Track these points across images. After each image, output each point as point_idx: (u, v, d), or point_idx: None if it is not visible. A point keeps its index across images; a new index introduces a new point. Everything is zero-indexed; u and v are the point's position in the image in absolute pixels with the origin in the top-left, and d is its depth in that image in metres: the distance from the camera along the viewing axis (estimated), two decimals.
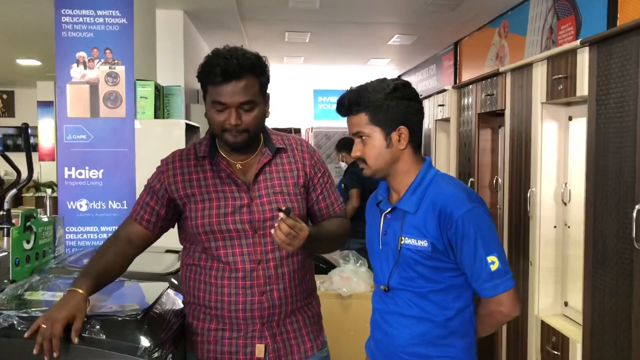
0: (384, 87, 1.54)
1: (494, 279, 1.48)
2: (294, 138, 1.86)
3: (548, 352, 2.73)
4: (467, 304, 1.57)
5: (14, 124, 11.72)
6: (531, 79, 2.90)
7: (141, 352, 1.54)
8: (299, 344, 1.77)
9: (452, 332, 1.56)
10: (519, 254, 3.10)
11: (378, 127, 1.53)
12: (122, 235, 1.77)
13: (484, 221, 1.50)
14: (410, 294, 1.56)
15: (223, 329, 1.72)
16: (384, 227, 1.61)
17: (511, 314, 1.54)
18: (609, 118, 2.24)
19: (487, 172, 3.74)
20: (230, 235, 1.69)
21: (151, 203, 1.75)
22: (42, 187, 8.67)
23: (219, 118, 1.65)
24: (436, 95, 4.50)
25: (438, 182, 1.56)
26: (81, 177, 3.29)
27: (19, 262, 2.10)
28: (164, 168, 1.77)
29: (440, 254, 1.51)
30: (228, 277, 1.70)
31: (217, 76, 1.60)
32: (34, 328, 1.51)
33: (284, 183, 1.76)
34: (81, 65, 3.33)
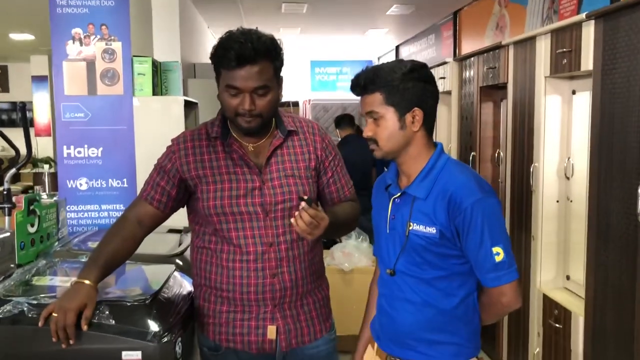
0: (400, 68, 1.51)
1: (498, 270, 1.48)
2: (305, 121, 1.84)
3: (550, 325, 2.76)
4: (471, 291, 1.58)
5: (8, 99, 11.59)
6: (534, 53, 2.87)
7: (150, 336, 1.55)
8: (309, 326, 1.79)
9: (457, 319, 1.56)
10: (521, 229, 3.11)
11: (392, 107, 1.51)
12: (131, 217, 1.76)
13: (493, 212, 1.49)
14: (415, 280, 1.56)
15: (235, 310, 1.73)
16: (392, 212, 1.60)
17: (512, 306, 1.54)
18: (614, 92, 2.22)
19: (489, 146, 3.72)
20: (242, 218, 1.69)
21: (162, 183, 1.73)
22: (39, 163, 8.64)
23: (232, 102, 1.63)
24: (437, 67, 4.45)
25: (450, 169, 1.54)
26: (80, 155, 3.26)
27: (24, 246, 2.09)
28: (175, 148, 1.75)
29: (447, 241, 1.51)
30: (239, 260, 1.70)
31: (231, 60, 1.57)
32: (45, 316, 1.52)
33: (295, 166, 1.75)
34: (77, 42, 3.27)
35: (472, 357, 1.59)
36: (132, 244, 1.74)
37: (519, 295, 1.52)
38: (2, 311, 1.55)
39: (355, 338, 3.32)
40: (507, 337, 3.33)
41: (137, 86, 3.34)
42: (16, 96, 11.02)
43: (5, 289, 1.66)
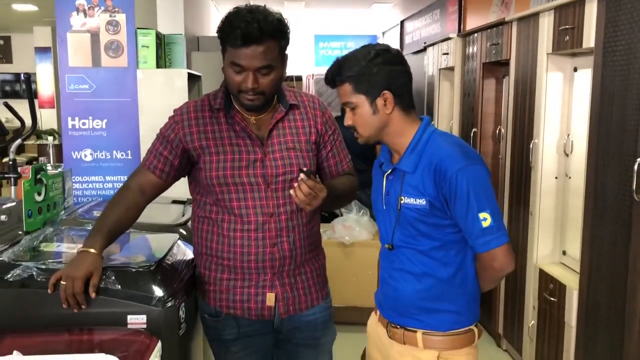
0: (364, 55, 1.56)
1: (486, 235, 1.52)
2: (307, 95, 1.88)
3: (545, 298, 2.81)
4: (467, 259, 1.62)
5: (11, 70, 11.59)
6: (537, 29, 2.87)
7: (155, 301, 1.60)
8: (307, 294, 1.84)
9: (455, 287, 1.61)
10: (519, 204, 3.15)
11: (363, 95, 1.57)
12: (133, 186, 1.79)
13: (478, 178, 1.52)
14: (413, 252, 1.61)
15: (235, 278, 1.78)
16: (386, 188, 1.65)
17: (504, 269, 1.57)
18: (614, 69, 2.24)
19: (491, 123, 3.74)
20: (243, 188, 1.73)
21: (165, 153, 1.76)
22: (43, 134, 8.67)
23: (236, 78, 1.65)
24: (441, 43, 4.45)
25: (435, 140, 1.59)
26: (85, 127, 3.29)
27: (32, 214, 2.14)
28: (178, 118, 1.77)
29: (438, 210, 1.55)
30: (240, 230, 1.74)
31: (237, 39, 1.59)
32: (53, 282, 1.57)
33: (296, 139, 1.79)
34: (81, 13, 3.28)
35: (470, 324, 1.64)
36: (134, 212, 1.77)
37: (511, 258, 1.56)
38: (12, 275, 1.60)
39: (355, 309, 3.39)
40: (503, 310, 3.40)
41: (141, 58, 3.35)
42: (19, 67, 11.01)
43: (15, 255, 1.71)
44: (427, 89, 5.01)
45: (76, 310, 1.57)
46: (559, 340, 2.70)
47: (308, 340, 1.89)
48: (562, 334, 2.67)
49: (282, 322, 1.83)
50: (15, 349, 1.34)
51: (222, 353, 1.86)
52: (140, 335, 1.55)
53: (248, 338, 1.82)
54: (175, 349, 1.64)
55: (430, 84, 4.89)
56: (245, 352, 1.84)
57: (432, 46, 4.75)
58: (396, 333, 1.66)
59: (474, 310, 1.66)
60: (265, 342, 1.86)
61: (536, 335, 2.95)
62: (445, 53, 4.30)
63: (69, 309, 1.56)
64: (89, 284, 1.57)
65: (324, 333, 1.93)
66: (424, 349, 1.61)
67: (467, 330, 1.64)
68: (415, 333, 1.62)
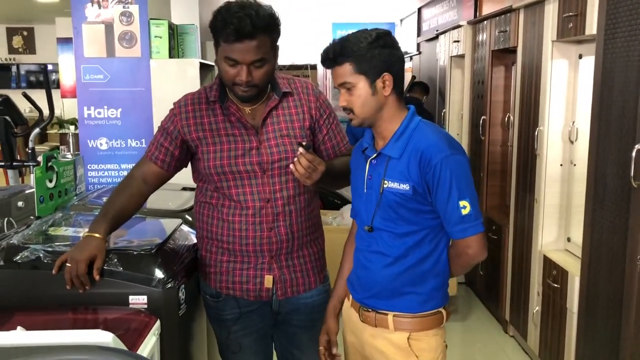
0: (366, 37, 1.58)
1: (464, 223, 1.56)
2: (300, 81, 1.92)
3: (549, 284, 2.84)
4: (441, 245, 1.67)
5: (35, 60, 11.81)
6: (543, 16, 2.87)
7: (155, 282, 1.68)
8: (304, 276, 1.90)
9: (426, 271, 1.66)
10: (525, 191, 3.16)
11: (363, 75, 1.59)
12: (137, 175, 1.87)
13: (461, 168, 1.57)
14: (390, 235, 1.66)
15: (235, 260, 1.85)
16: (369, 172, 1.69)
17: (477, 257, 1.62)
18: (615, 56, 2.24)
19: (500, 110, 3.75)
20: (240, 176, 1.79)
21: (165, 144, 1.83)
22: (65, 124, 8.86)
23: (230, 72, 1.71)
24: (451, 31, 4.44)
25: (422, 129, 1.63)
26: (100, 116, 3.37)
27: (44, 200, 2.23)
28: (176, 111, 1.84)
29: (419, 196, 1.60)
30: (239, 214, 1.81)
31: (230, 35, 1.64)
32: (58, 265, 1.66)
33: (290, 126, 1.83)
34: (95, 4, 3.36)
35: (438, 307, 1.69)
36: (138, 200, 1.85)
37: (484, 247, 1.61)
38: (21, 257, 1.69)
39: None
40: (509, 296, 3.42)
41: (154, 49, 3.42)
42: (42, 58, 11.21)
43: (24, 238, 1.80)
44: (439, 76, 5.01)
45: (81, 291, 1.65)
46: (562, 327, 2.72)
47: (306, 322, 1.95)
48: (564, 320, 2.70)
49: (280, 304, 1.89)
50: (22, 325, 1.43)
51: (223, 333, 1.93)
52: (140, 314, 1.63)
53: (247, 318, 1.89)
54: (175, 328, 1.72)
55: (441, 72, 4.89)
56: (244, 332, 1.91)
57: (443, 34, 4.75)
58: (368, 316, 1.70)
59: (443, 293, 1.71)
60: (264, 322, 1.92)
61: (540, 321, 2.97)
62: (456, 40, 4.30)
63: (73, 289, 1.65)
64: (93, 267, 1.65)
65: (321, 316, 1.97)
66: (394, 331, 1.66)
67: (435, 312, 1.68)
68: (387, 316, 1.67)
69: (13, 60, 12.18)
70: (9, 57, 12.18)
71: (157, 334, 1.61)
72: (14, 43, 12.18)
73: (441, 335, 1.70)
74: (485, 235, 1.61)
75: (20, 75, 12.18)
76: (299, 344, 1.99)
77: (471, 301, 4.12)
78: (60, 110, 9.59)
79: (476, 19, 4.04)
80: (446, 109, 4.69)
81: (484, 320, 3.81)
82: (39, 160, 3.55)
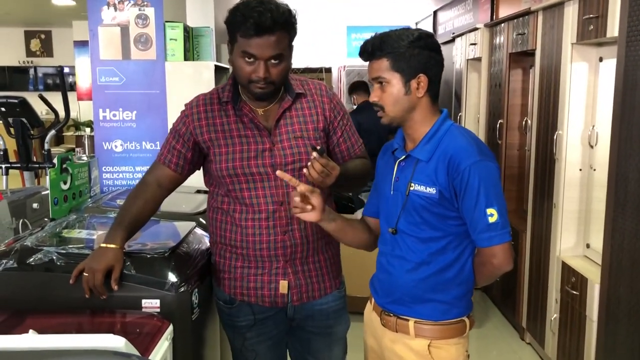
0: (408, 36, 1.56)
1: (490, 231, 1.52)
2: (313, 83, 1.89)
3: (567, 291, 2.78)
4: (465, 253, 1.63)
5: (52, 63, 11.93)
6: (562, 19, 2.83)
7: (168, 286, 1.66)
8: (320, 282, 1.87)
9: (450, 279, 1.62)
10: (543, 196, 3.11)
11: (398, 73, 1.56)
12: (151, 180, 1.84)
13: (490, 175, 1.53)
14: (414, 239, 1.62)
15: (249, 266, 1.82)
16: (396, 174, 1.66)
17: (503, 267, 1.57)
18: (638, 59, 2.19)
19: (517, 114, 3.70)
20: (253, 178, 1.77)
21: (177, 146, 1.81)
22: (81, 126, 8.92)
23: (247, 68, 1.69)
24: (468, 33, 4.40)
25: (453, 133, 1.59)
26: (115, 118, 3.38)
27: (58, 202, 2.23)
28: (188, 112, 1.82)
29: (446, 201, 1.56)
30: (252, 219, 1.78)
31: (249, 29, 1.62)
32: (75, 275, 1.64)
33: (304, 127, 1.81)
34: (112, 7, 3.37)
35: (461, 316, 1.65)
36: (153, 205, 1.82)
37: (510, 257, 1.57)
38: (34, 259, 1.68)
39: None
40: (527, 303, 3.37)
41: (169, 51, 3.42)
42: (60, 61, 11.31)
43: (38, 240, 1.80)
44: (455, 79, 4.96)
45: (102, 298, 1.64)
46: (580, 335, 2.67)
47: (321, 329, 1.92)
48: (583, 328, 2.64)
49: (295, 310, 1.86)
50: (34, 329, 1.41)
51: (238, 341, 1.90)
52: (153, 318, 1.61)
53: (262, 325, 1.87)
54: (188, 332, 1.70)
55: (458, 75, 4.84)
56: (259, 339, 1.88)
57: (460, 37, 4.70)
58: (389, 321, 1.68)
59: (467, 302, 1.67)
60: (279, 329, 1.90)
61: (558, 329, 2.92)
62: (473, 43, 4.26)
63: (92, 297, 1.63)
64: (112, 277, 1.63)
65: (337, 322, 1.95)
66: (415, 337, 1.63)
67: (458, 320, 1.64)
68: (408, 321, 1.64)
69: (31, 63, 12.32)
70: (27, 60, 12.32)
71: (170, 339, 1.60)
72: (31, 46, 12.32)
73: (463, 345, 1.67)
74: (511, 245, 1.56)
75: (38, 77, 12.32)
76: (313, 351, 1.96)
77: (487, 307, 4.07)
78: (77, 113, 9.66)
79: (493, 21, 4.00)
80: (462, 112, 4.64)
81: (500, 327, 3.75)
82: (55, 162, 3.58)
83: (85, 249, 1.75)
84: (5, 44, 12.17)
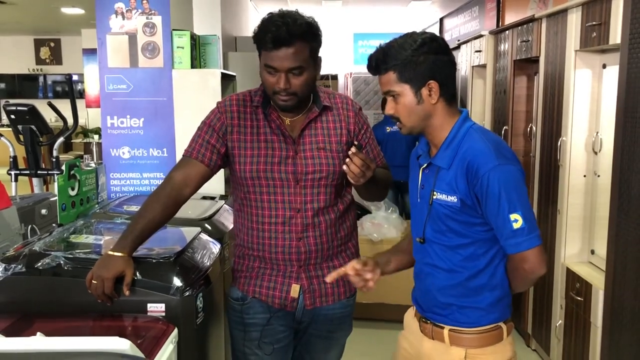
0: (410, 44, 1.53)
1: (517, 237, 1.48)
2: (340, 97, 1.94)
3: (572, 297, 2.78)
4: (497, 258, 1.59)
5: (61, 71, 12.05)
6: (565, 26, 2.84)
7: (173, 291, 1.69)
8: (334, 287, 1.89)
9: (481, 285, 1.59)
10: (547, 202, 3.12)
11: (407, 84, 1.54)
12: (178, 178, 1.80)
13: (511, 179, 1.48)
14: (441, 247, 1.60)
15: (265, 267, 1.86)
16: (421, 181, 1.64)
17: (536, 272, 1.52)
18: None
19: (522, 120, 3.71)
20: (274, 184, 1.81)
21: (212, 141, 1.82)
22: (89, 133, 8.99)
23: (270, 80, 1.74)
24: (473, 40, 4.42)
25: (472, 136, 1.55)
26: (123, 125, 3.41)
27: (65, 208, 2.26)
28: (222, 109, 1.85)
29: (469, 208, 1.53)
30: (269, 223, 1.82)
31: (268, 42, 1.68)
32: (88, 285, 1.64)
33: (327, 140, 1.85)
34: (120, 16, 3.41)
35: (497, 322, 1.61)
36: (173, 210, 1.80)
37: (543, 261, 1.51)
38: (42, 264, 1.71)
39: (383, 306, 3.41)
40: (532, 309, 3.37)
41: (176, 59, 3.45)
42: (68, 69, 11.43)
43: (46, 245, 1.83)
44: (461, 86, 4.98)
45: (109, 304, 1.67)
46: (585, 341, 2.67)
47: (322, 332, 1.95)
48: (588, 335, 2.64)
49: (304, 313, 1.88)
50: (42, 331, 1.44)
51: (241, 338, 1.90)
52: (158, 322, 1.64)
53: (270, 326, 1.87)
54: (192, 336, 1.72)
55: (463, 82, 4.86)
56: (265, 341, 1.88)
57: (465, 44, 4.72)
58: (426, 328, 1.66)
59: (502, 307, 1.62)
60: (286, 332, 1.91)
61: (563, 335, 2.92)
62: (478, 50, 4.27)
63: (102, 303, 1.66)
64: (123, 282, 1.65)
65: (339, 327, 1.97)
66: (450, 346, 1.60)
67: (494, 327, 1.60)
68: (443, 329, 1.61)
69: (40, 71, 12.44)
70: (37, 67, 12.46)
71: (175, 342, 1.62)
72: (41, 54, 12.45)
73: (502, 354, 1.61)
74: (542, 249, 1.52)
75: (47, 85, 12.45)
76: (311, 350, 1.99)
77: None
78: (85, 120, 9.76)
79: (498, 28, 4.02)
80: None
81: None
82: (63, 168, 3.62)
83: (92, 254, 1.78)
84: (15, 52, 12.31)
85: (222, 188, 3.15)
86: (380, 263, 1.70)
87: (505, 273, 1.61)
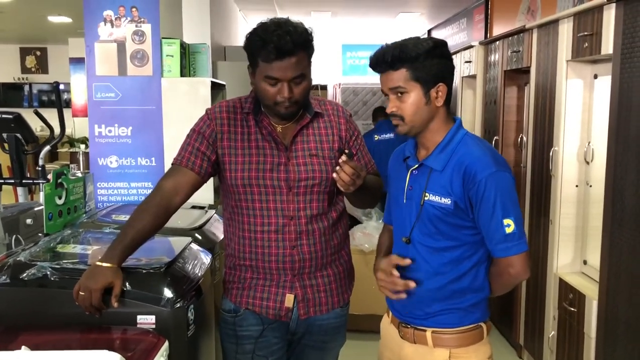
0: (424, 45, 1.55)
1: (507, 241, 1.52)
2: (331, 104, 1.92)
3: (565, 308, 2.77)
4: (480, 261, 1.62)
5: (47, 80, 11.94)
6: (557, 36, 2.85)
7: (164, 302, 1.64)
8: (328, 296, 1.86)
9: (464, 288, 1.61)
10: (540, 213, 3.11)
11: (418, 83, 1.55)
12: (168, 187, 1.76)
13: (506, 185, 1.53)
14: (428, 249, 1.61)
15: (257, 277, 1.82)
16: (409, 183, 1.65)
17: (520, 277, 1.58)
18: (633, 76, 2.21)
19: (512, 131, 3.72)
20: (266, 191, 1.78)
21: (202, 148, 1.79)
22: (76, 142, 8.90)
23: (271, 90, 1.71)
24: (463, 51, 4.43)
25: (467, 142, 1.59)
26: (111, 134, 3.36)
27: (52, 217, 2.21)
28: (212, 116, 1.82)
29: (461, 211, 1.56)
30: (261, 231, 1.78)
31: (270, 54, 1.64)
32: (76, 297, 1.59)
33: (319, 147, 1.83)
34: (108, 23, 3.37)
35: (477, 322, 1.64)
36: (163, 219, 1.75)
37: (527, 266, 1.56)
38: (28, 274, 1.66)
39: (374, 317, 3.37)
40: (524, 320, 3.35)
41: (166, 67, 3.42)
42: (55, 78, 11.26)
43: (32, 255, 1.78)
44: None
45: (97, 316, 1.62)
46: (579, 352, 2.65)
47: (316, 343, 1.92)
48: (581, 346, 2.62)
49: (298, 324, 1.85)
50: (27, 345, 1.39)
51: (233, 351, 1.86)
52: (148, 334, 1.59)
53: (264, 338, 1.83)
54: (184, 349, 1.68)
55: (453, 92, 4.88)
56: (259, 354, 1.84)
57: (455, 54, 4.73)
58: (407, 332, 1.66)
59: (483, 308, 1.66)
60: (279, 345, 1.87)
61: (556, 347, 2.90)
62: (468, 61, 4.29)
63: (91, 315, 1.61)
64: (112, 294, 1.60)
65: (333, 338, 1.94)
66: (434, 348, 1.62)
67: (475, 326, 1.63)
68: (425, 332, 1.63)
69: (26, 80, 12.32)
70: (22, 76, 12.33)
71: (166, 356, 1.57)
72: (27, 63, 12.34)
73: (484, 352, 1.65)
74: (528, 255, 1.57)
75: (33, 94, 12.32)
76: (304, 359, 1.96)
77: None
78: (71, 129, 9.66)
79: (488, 39, 4.03)
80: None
81: (497, 344, 3.73)
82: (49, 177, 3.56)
83: (80, 264, 1.73)
84: (0, 61, 12.19)
85: (211, 197, 3.11)
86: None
87: (487, 276, 1.64)
